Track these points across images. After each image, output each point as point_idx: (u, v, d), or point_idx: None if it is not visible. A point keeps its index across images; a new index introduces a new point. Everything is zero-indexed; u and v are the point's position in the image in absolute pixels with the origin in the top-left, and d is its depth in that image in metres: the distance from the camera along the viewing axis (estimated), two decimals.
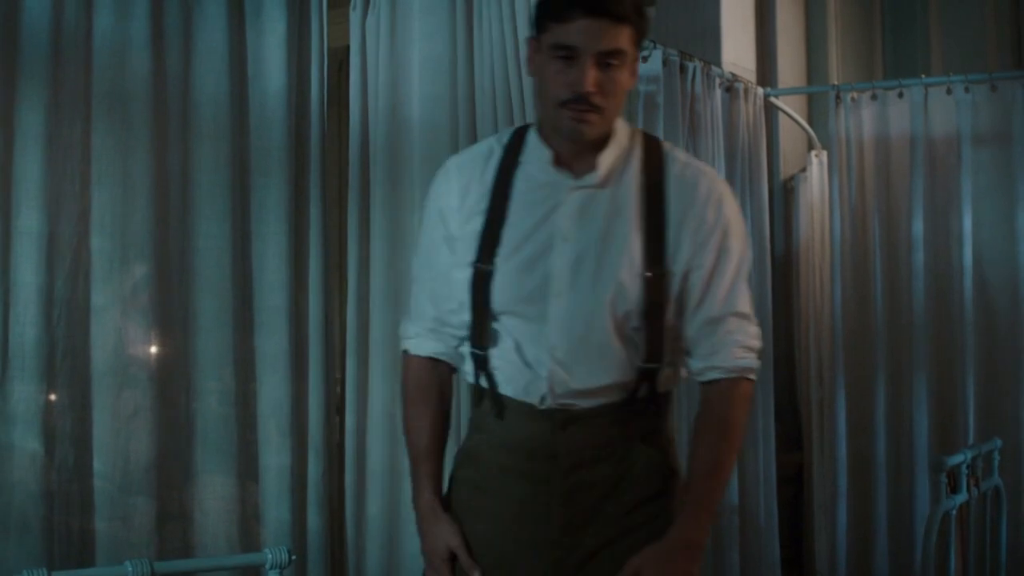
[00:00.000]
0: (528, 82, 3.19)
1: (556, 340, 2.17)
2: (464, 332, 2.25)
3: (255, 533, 3.10)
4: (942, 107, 4.52)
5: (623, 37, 2.15)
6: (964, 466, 3.63)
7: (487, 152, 2.30)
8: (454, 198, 2.27)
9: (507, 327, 2.20)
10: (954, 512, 3.57)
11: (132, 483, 2.93)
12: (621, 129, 2.25)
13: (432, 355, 2.30)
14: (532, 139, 2.26)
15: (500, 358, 2.21)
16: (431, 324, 2.30)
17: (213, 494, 3.03)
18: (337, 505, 3.29)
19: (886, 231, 4.58)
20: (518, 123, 3.22)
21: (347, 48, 3.35)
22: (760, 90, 4.72)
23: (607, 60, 2.14)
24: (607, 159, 2.22)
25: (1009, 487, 4.07)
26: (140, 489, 2.94)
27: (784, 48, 5.29)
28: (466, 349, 2.26)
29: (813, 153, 5.13)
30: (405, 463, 3.23)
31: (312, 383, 3.19)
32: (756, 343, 2.29)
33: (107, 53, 2.94)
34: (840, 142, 4.68)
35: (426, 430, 2.29)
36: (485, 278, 2.20)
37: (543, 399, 2.18)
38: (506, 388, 2.21)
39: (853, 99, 4.69)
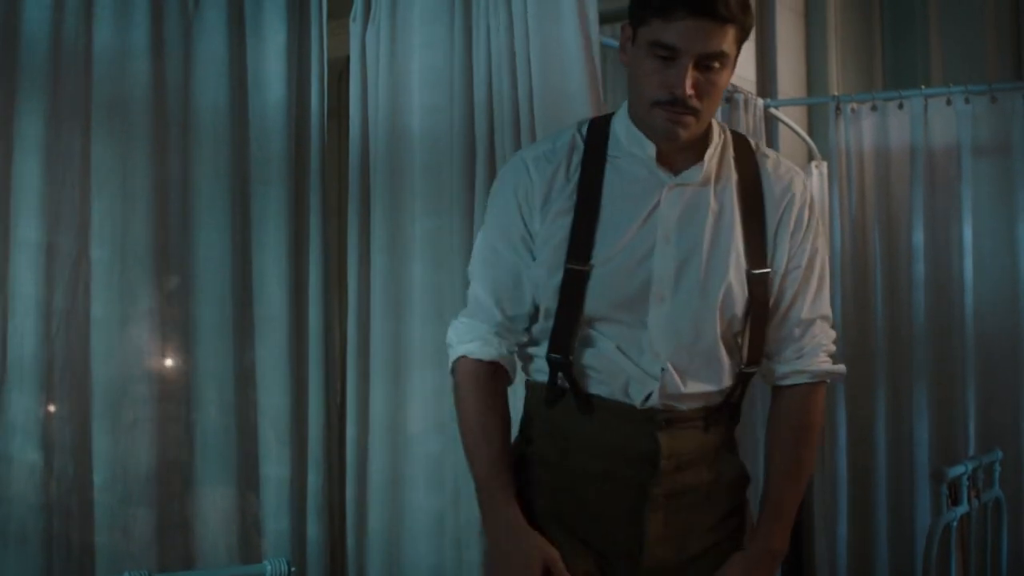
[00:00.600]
0: (526, 87, 3.19)
1: (661, 346, 2.10)
2: (527, 335, 2.19)
3: (255, 544, 3.09)
4: (942, 118, 4.52)
5: (727, 38, 2.04)
6: (965, 477, 3.62)
7: (569, 145, 2.18)
8: (536, 194, 2.15)
9: (601, 331, 2.12)
10: (955, 524, 3.56)
11: (132, 494, 2.92)
12: (713, 125, 2.18)
13: (497, 359, 2.18)
14: (622, 131, 2.16)
15: (593, 358, 2.13)
16: (495, 328, 2.18)
17: (213, 505, 3.02)
18: (338, 516, 3.28)
19: (886, 242, 4.58)
20: (521, 134, 3.21)
21: (347, 58, 3.35)
22: (760, 101, 4.71)
23: (708, 62, 2.03)
24: (710, 156, 2.15)
25: (1010, 499, 4.06)
26: (140, 500, 2.93)
27: (784, 59, 5.29)
28: (536, 351, 2.19)
29: (813, 164, 5.13)
30: (407, 473, 3.24)
31: (312, 393, 3.18)
32: (834, 347, 2.26)
33: (107, 63, 2.94)
34: (840, 153, 4.68)
35: (498, 439, 2.15)
36: (579, 281, 2.10)
37: (647, 399, 2.11)
38: (598, 388, 2.13)
39: (853, 110, 4.69)
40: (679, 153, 2.14)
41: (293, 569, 2.54)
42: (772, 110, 4.84)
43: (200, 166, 3.08)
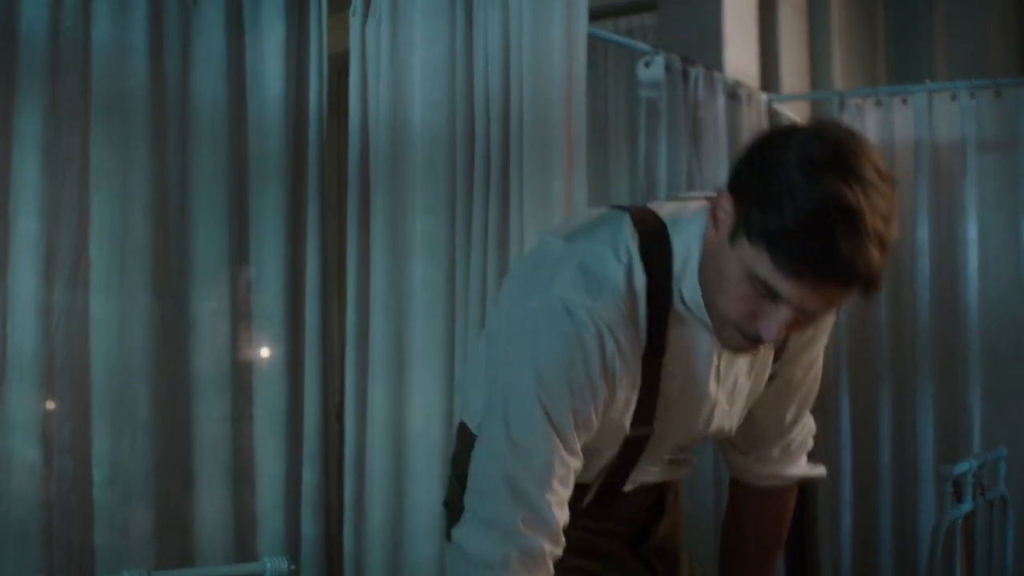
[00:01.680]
0: (517, 82, 3.17)
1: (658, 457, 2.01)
2: None
3: (251, 543, 3.08)
4: (946, 113, 4.50)
5: (848, 297, 1.63)
6: (969, 475, 3.60)
7: (626, 295, 1.74)
8: (612, 386, 1.76)
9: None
10: (959, 522, 3.54)
11: (131, 492, 2.91)
12: None
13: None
14: (690, 294, 1.75)
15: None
16: (552, 537, 1.75)
17: (210, 504, 3.00)
18: (336, 514, 3.27)
19: None
20: (510, 131, 3.19)
21: (347, 53, 3.33)
22: (764, 96, 4.70)
23: (814, 314, 1.66)
24: None
25: (1015, 496, 4.04)
26: (139, 498, 2.92)
27: (787, 54, 5.27)
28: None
29: None
30: (409, 471, 3.22)
31: (308, 391, 3.16)
32: (812, 442, 2.10)
33: (105, 60, 2.92)
34: None
35: None
36: (639, 443, 1.88)
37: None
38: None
39: (857, 105, 4.67)
40: None
41: (292, 567, 2.54)
42: (775, 105, 4.82)
43: (199, 163, 3.07)
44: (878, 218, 1.55)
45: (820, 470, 2.08)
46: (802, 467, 2.07)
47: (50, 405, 2.85)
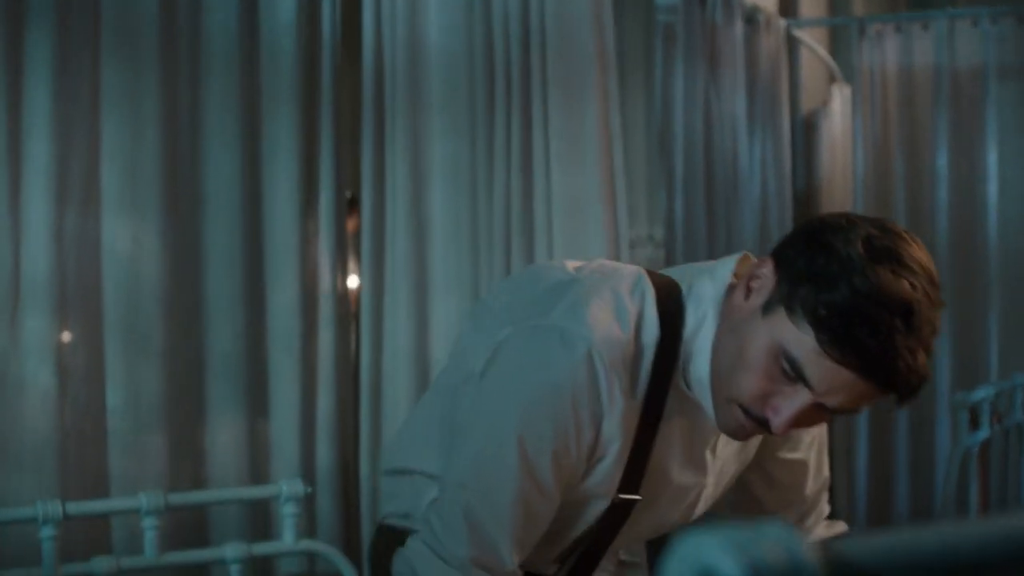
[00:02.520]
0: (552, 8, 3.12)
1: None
2: None
3: (265, 468, 3.09)
4: (967, 39, 4.44)
5: (876, 400, 1.56)
6: (986, 403, 3.59)
7: (633, 348, 1.63)
8: (596, 442, 1.64)
9: None
10: (975, 449, 3.54)
11: (144, 418, 2.92)
12: None
13: None
14: (696, 374, 1.64)
15: None
16: None
17: (225, 429, 3.01)
18: (352, 441, 3.27)
19: (909, 166, 4.53)
20: (535, 55, 3.15)
21: None
22: (782, 21, 4.64)
23: (833, 409, 1.56)
24: None
25: None
26: (153, 424, 2.93)
27: None
28: None
29: (835, 87, 5.06)
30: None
31: (323, 316, 3.16)
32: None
33: None
34: (864, 75, 4.61)
35: None
36: (625, 510, 1.72)
37: None
38: None
39: (877, 31, 4.61)
40: None
41: (308, 490, 2.54)
42: (794, 31, 4.76)
43: (210, 87, 3.04)
44: (930, 326, 1.49)
45: (840, 526, 1.95)
46: (822, 531, 1.93)
47: (63, 330, 2.85)
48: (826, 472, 1.91)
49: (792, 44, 4.89)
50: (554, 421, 1.61)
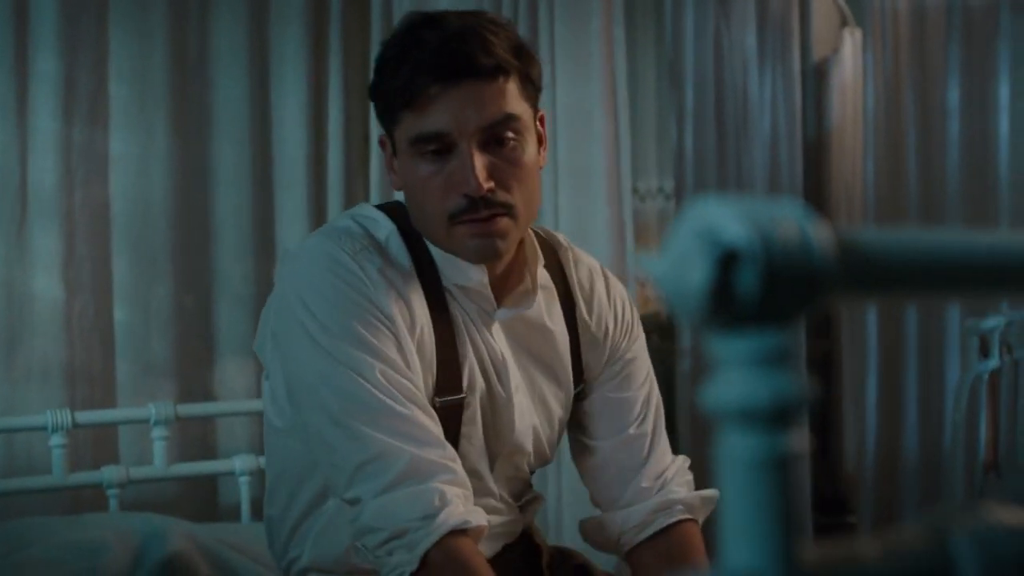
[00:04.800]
0: None
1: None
2: None
3: None
4: None
5: (509, 96, 1.57)
6: (997, 332, 3.57)
7: (400, 259, 1.63)
8: (395, 309, 1.60)
9: None
10: (985, 377, 3.52)
11: (152, 330, 2.91)
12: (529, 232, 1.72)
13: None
14: (443, 253, 1.65)
15: None
16: (455, 471, 1.58)
17: (232, 343, 3.00)
18: None
19: (920, 101, 4.49)
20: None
21: None
22: None
23: (496, 135, 1.57)
24: (541, 275, 1.72)
25: None
26: (161, 335, 2.92)
27: None
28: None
29: (847, 31, 5.02)
30: None
31: None
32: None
33: None
34: (875, 14, 4.57)
35: None
36: (454, 418, 1.65)
37: None
38: None
39: None
40: (496, 272, 1.67)
41: None
42: None
43: (219, 6, 3.02)
44: (458, 18, 1.60)
45: (713, 492, 1.80)
46: (689, 488, 1.81)
47: (72, 243, 2.84)
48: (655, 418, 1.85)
49: None
50: (373, 301, 1.58)
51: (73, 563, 2.22)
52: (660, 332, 4.46)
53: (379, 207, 1.72)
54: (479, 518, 1.55)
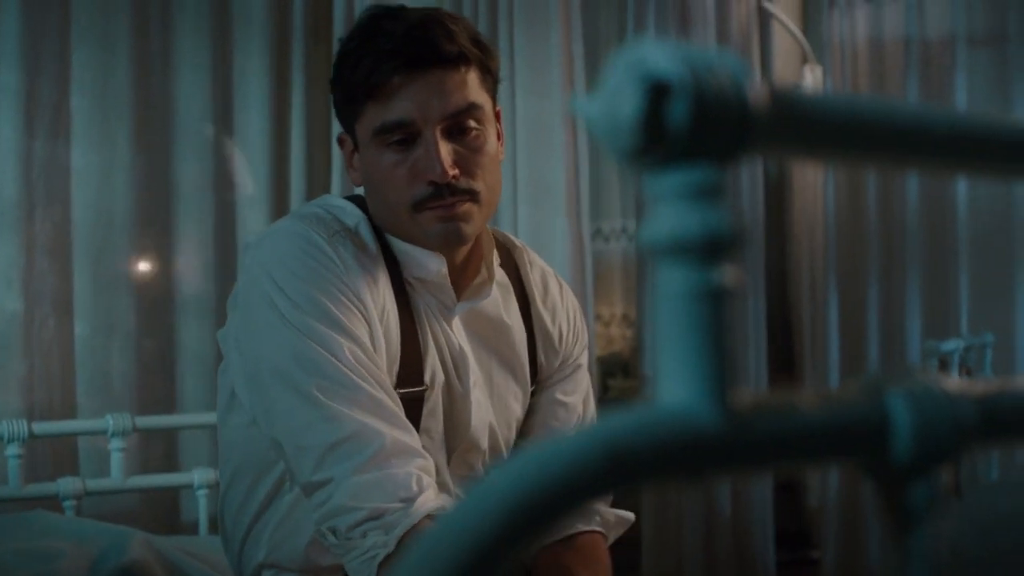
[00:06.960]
0: None
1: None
2: None
3: None
4: (937, 7, 4.48)
5: (469, 86, 1.60)
6: (956, 354, 3.60)
7: (371, 249, 1.64)
8: (368, 295, 1.60)
9: None
10: None
11: (112, 342, 2.90)
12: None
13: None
14: (402, 246, 1.66)
15: None
16: (427, 458, 1.57)
17: (194, 353, 2.99)
18: None
19: None
20: (503, 21, 3.14)
21: None
22: None
23: (460, 124, 1.59)
24: (498, 272, 1.74)
25: None
26: (121, 348, 2.91)
27: None
28: None
29: (807, 67, 5.09)
30: None
31: None
32: None
33: None
34: (834, 48, 4.64)
35: None
36: (414, 408, 1.64)
37: None
38: None
39: (847, 1, 4.65)
40: (454, 264, 1.68)
41: None
42: (765, 4, 4.79)
43: (182, 20, 3.04)
44: (418, 11, 1.63)
45: (628, 515, 1.81)
46: (607, 505, 1.79)
47: (32, 256, 2.84)
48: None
49: (764, 18, 4.92)
50: (340, 287, 1.57)
51: (27, 568, 2.19)
52: (623, 371, 4.47)
53: (344, 198, 1.74)
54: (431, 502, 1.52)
